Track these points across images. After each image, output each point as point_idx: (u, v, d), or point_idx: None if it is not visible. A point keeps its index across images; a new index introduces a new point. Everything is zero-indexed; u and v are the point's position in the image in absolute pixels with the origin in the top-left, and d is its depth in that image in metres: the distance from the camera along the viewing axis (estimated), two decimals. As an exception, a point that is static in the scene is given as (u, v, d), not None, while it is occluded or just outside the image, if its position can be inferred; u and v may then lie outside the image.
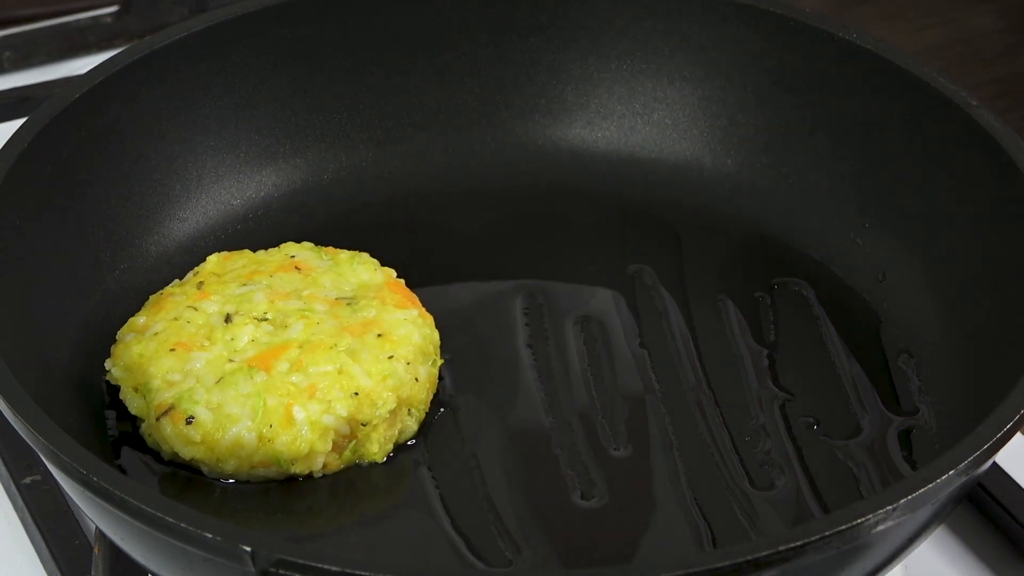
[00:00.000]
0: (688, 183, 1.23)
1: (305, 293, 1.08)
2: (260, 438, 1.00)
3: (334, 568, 0.81)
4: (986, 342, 1.04)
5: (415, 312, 1.08)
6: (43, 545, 1.05)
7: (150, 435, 1.03)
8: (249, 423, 1.00)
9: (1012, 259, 1.05)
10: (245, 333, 1.05)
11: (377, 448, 1.03)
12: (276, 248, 1.14)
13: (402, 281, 1.12)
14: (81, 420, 1.03)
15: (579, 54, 1.27)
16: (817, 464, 1.04)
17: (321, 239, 1.15)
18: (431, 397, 1.07)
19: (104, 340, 1.08)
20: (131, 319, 1.08)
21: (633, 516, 1.01)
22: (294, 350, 1.03)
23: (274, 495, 1.02)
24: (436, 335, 1.09)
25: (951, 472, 0.86)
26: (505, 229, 1.21)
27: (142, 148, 1.17)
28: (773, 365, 1.11)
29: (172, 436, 1.01)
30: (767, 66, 1.20)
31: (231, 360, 1.03)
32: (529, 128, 1.26)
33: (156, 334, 1.06)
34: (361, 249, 1.14)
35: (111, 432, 1.05)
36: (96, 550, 1.01)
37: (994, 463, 1.04)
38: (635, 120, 1.26)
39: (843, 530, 0.83)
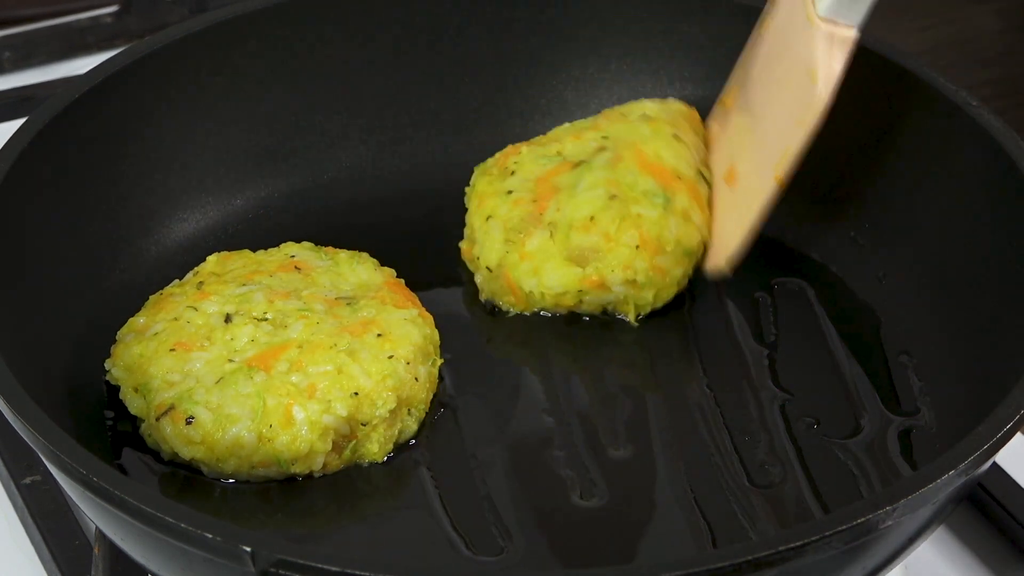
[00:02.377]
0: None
1: (305, 293, 1.08)
2: (260, 438, 1.00)
3: (334, 568, 0.81)
4: (986, 342, 1.04)
5: (415, 312, 1.08)
6: (43, 545, 1.05)
7: (150, 435, 1.03)
8: (249, 423, 1.00)
9: (1012, 259, 1.05)
10: (245, 333, 1.05)
11: (377, 448, 1.03)
12: (276, 248, 1.15)
13: (402, 281, 1.12)
14: (81, 420, 1.03)
15: (579, 54, 1.27)
16: (817, 464, 1.04)
17: (321, 239, 1.15)
18: (431, 397, 1.07)
19: (104, 340, 1.08)
20: (131, 319, 1.08)
21: (633, 516, 1.01)
22: (294, 350, 1.03)
23: (274, 495, 1.02)
24: (436, 335, 1.09)
25: (951, 472, 0.86)
26: (505, 229, 1.21)
27: (142, 148, 1.17)
28: (773, 365, 1.11)
29: (172, 436, 1.01)
30: (767, 66, 1.20)
31: (231, 360, 1.03)
32: (529, 128, 1.26)
33: (156, 334, 1.06)
34: (361, 249, 1.14)
35: (111, 432, 1.05)
36: (96, 550, 1.01)
37: (994, 463, 1.04)
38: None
39: (843, 530, 0.83)
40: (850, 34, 1.07)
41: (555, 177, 1.15)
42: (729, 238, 1.14)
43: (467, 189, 1.19)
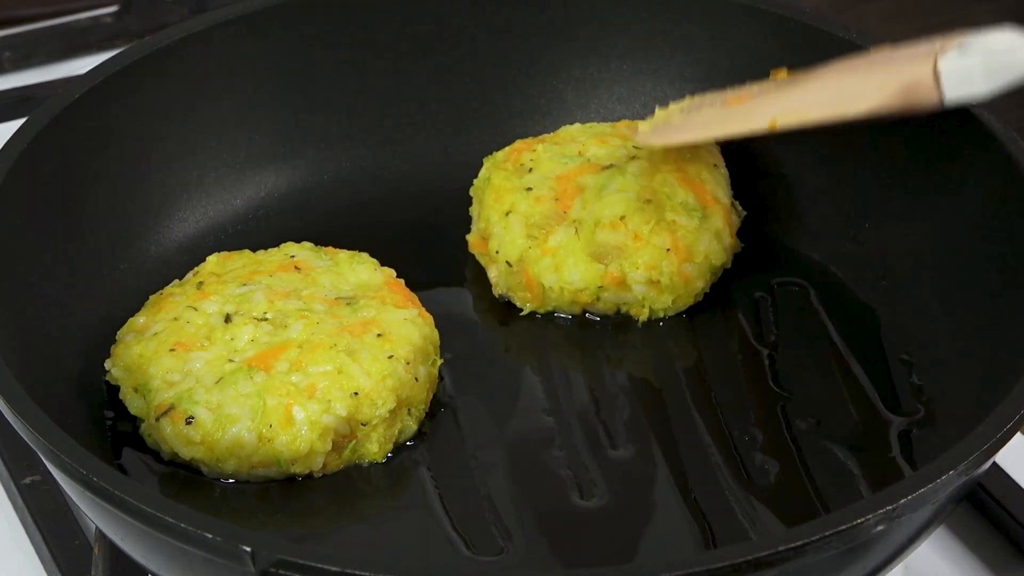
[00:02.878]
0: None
1: (305, 293, 1.08)
2: (260, 438, 1.00)
3: (334, 568, 0.81)
4: (986, 342, 1.04)
5: (415, 312, 1.08)
6: (43, 545, 1.05)
7: (150, 435, 1.03)
8: (249, 423, 1.00)
9: (1012, 259, 1.05)
10: (245, 333, 1.05)
11: (377, 448, 1.03)
12: (276, 248, 1.14)
13: (402, 281, 1.12)
14: (81, 420, 1.03)
15: (579, 54, 1.27)
16: (817, 464, 1.04)
17: (321, 239, 1.15)
18: (431, 397, 1.07)
19: (104, 340, 1.08)
20: (131, 319, 1.08)
21: (633, 516, 1.01)
22: (294, 350, 1.03)
23: (274, 495, 1.02)
24: (436, 335, 1.09)
25: (951, 472, 0.86)
26: (505, 229, 1.21)
27: (142, 148, 1.17)
28: (773, 365, 1.11)
29: (172, 436, 1.01)
30: (767, 66, 1.20)
31: (231, 360, 1.03)
32: (529, 128, 1.26)
33: (156, 334, 1.06)
34: (361, 249, 1.14)
35: (111, 432, 1.05)
36: (96, 550, 1.01)
37: (994, 463, 1.04)
38: (635, 121, 1.26)
39: (843, 530, 0.83)
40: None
41: (579, 177, 1.15)
42: (684, 129, 1.14)
43: (476, 181, 1.19)
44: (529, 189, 1.15)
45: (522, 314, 1.15)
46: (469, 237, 1.18)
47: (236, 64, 1.21)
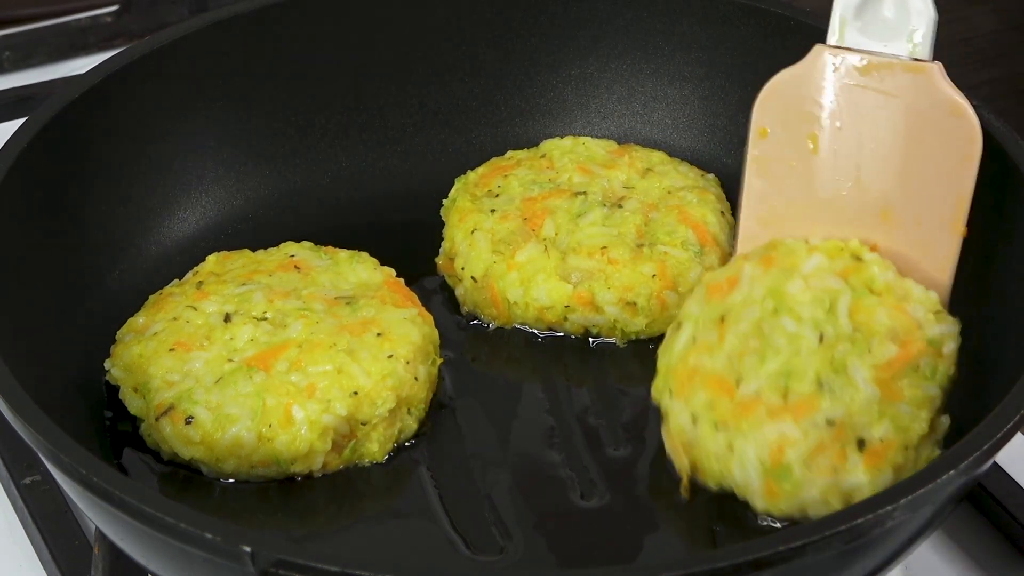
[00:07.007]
0: (688, 183, 1.23)
1: (304, 292, 1.08)
2: (259, 438, 1.00)
3: (334, 568, 0.81)
4: (986, 341, 1.04)
5: (414, 311, 1.08)
6: (43, 545, 1.05)
7: (150, 435, 1.03)
8: (248, 423, 1.00)
9: (1012, 259, 1.04)
10: (244, 333, 1.05)
11: (377, 447, 1.03)
12: (275, 248, 1.15)
13: (401, 280, 1.12)
14: (81, 420, 1.03)
15: (579, 54, 1.27)
16: (817, 464, 1.04)
17: (321, 239, 1.16)
18: (431, 396, 1.07)
19: (104, 340, 1.08)
20: (131, 319, 1.09)
21: (633, 516, 1.01)
22: (293, 349, 1.03)
23: (274, 495, 1.02)
24: (435, 334, 1.09)
25: (951, 472, 0.86)
26: (505, 229, 1.21)
27: (142, 148, 1.17)
28: (773, 365, 1.11)
29: (172, 436, 1.01)
30: (767, 66, 1.20)
31: (230, 360, 1.03)
32: (529, 128, 1.26)
33: (156, 334, 1.06)
34: (361, 249, 1.14)
35: (111, 432, 1.05)
36: (96, 550, 1.01)
37: (994, 463, 1.04)
38: (635, 120, 1.26)
39: (843, 530, 0.83)
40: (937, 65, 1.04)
41: (547, 200, 1.15)
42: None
43: (445, 202, 1.19)
44: (493, 211, 1.15)
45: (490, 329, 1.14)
46: (438, 260, 1.17)
47: (236, 64, 1.21)
